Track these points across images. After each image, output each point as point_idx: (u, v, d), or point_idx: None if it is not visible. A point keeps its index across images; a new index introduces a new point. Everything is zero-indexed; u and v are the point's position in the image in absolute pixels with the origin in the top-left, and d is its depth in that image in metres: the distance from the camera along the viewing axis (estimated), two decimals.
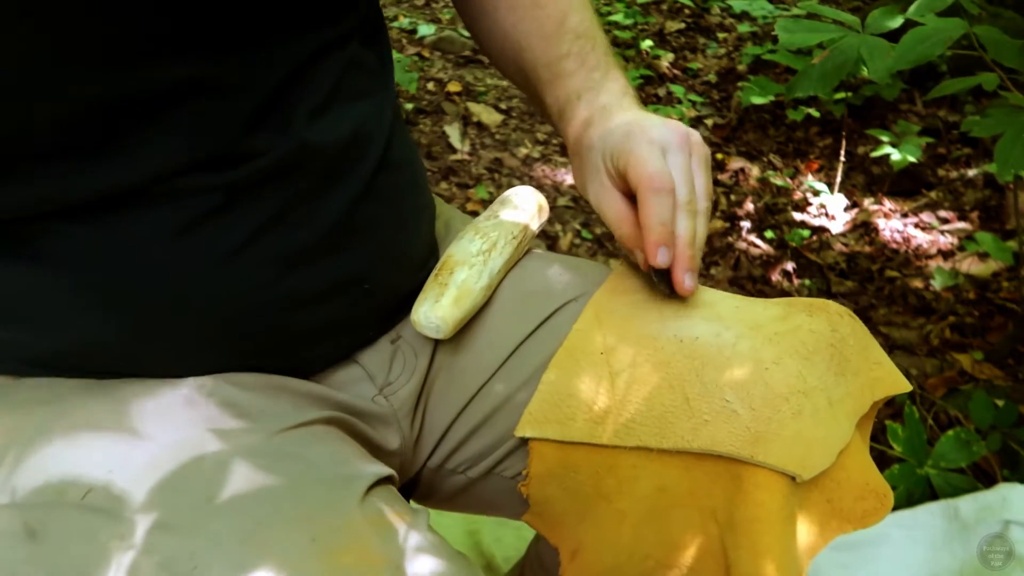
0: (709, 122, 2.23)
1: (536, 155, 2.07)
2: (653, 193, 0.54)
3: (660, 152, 0.55)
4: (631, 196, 0.58)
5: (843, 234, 1.82)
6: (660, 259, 0.55)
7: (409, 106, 2.15)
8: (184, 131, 0.45)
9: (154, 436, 0.48)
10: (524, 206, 0.70)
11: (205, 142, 0.46)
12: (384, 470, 0.53)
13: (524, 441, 0.57)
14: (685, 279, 0.56)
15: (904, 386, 0.58)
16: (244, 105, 0.47)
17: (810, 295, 1.64)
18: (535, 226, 0.71)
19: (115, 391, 0.51)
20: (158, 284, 0.48)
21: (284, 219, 0.50)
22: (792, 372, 0.53)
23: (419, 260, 0.63)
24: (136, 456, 0.47)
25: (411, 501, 0.68)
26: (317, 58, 0.51)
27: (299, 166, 0.50)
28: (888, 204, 1.89)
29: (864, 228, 1.82)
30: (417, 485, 0.66)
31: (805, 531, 0.54)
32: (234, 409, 0.51)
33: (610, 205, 0.58)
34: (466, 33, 2.50)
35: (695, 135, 0.58)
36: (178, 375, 0.52)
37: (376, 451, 0.58)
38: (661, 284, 0.57)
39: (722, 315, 0.57)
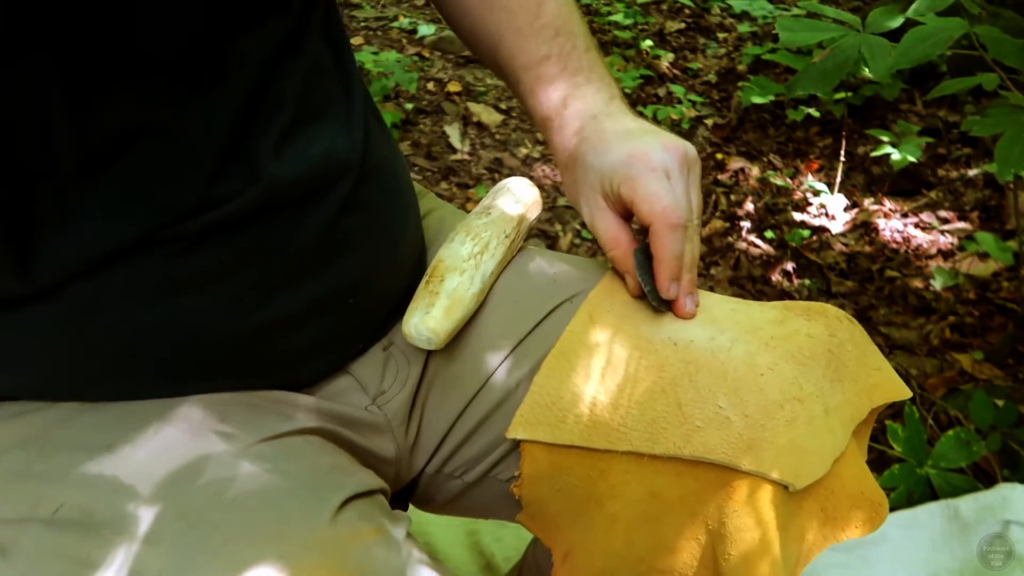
0: (709, 122, 2.23)
1: (536, 155, 2.07)
2: (671, 230, 0.54)
3: (666, 181, 0.55)
4: (626, 217, 0.58)
5: (843, 234, 1.81)
6: (672, 292, 0.56)
7: (409, 106, 2.15)
8: (147, 187, 0.45)
9: (128, 450, 0.48)
10: (519, 198, 0.68)
11: (171, 196, 0.46)
12: (366, 482, 0.52)
13: (518, 444, 0.56)
14: (687, 303, 0.57)
15: (904, 393, 0.58)
16: (204, 145, 0.46)
17: (810, 295, 1.64)
18: (531, 218, 0.70)
19: (95, 406, 0.50)
20: (145, 324, 0.48)
21: (259, 249, 0.50)
22: (788, 378, 0.52)
23: (407, 265, 0.62)
24: (110, 470, 0.47)
25: (410, 506, 0.68)
26: (277, 64, 0.49)
27: (271, 203, 0.49)
28: (888, 204, 1.88)
29: (864, 228, 1.82)
30: (415, 491, 0.66)
31: (798, 540, 0.53)
32: (214, 421, 0.51)
33: (606, 227, 0.58)
34: None
35: (691, 151, 0.57)
36: (163, 397, 0.52)
37: (371, 460, 0.58)
38: (654, 302, 0.57)
39: (718, 318, 0.57)
